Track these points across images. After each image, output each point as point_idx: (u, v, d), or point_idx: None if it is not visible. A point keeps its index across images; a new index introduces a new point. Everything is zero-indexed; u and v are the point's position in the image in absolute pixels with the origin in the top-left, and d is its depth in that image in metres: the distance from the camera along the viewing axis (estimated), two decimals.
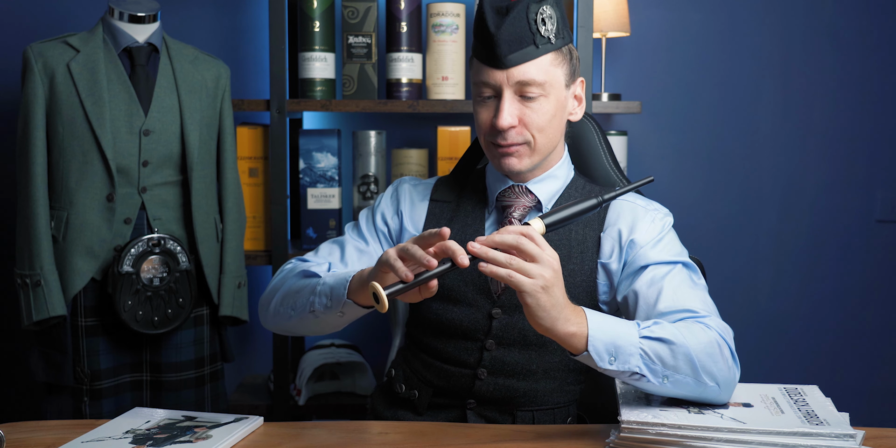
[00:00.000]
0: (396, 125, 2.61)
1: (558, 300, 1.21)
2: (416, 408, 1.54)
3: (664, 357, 1.25)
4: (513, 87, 1.41)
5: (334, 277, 1.39)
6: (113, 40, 2.01)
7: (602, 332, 1.24)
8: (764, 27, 2.67)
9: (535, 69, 1.41)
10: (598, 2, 2.38)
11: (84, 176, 1.96)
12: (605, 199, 1.32)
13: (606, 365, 1.24)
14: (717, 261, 2.63)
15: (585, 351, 1.24)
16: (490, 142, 1.46)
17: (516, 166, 1.46)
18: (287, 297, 1.46)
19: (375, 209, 1.63)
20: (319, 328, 1.46)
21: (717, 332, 1.31)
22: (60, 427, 1.40)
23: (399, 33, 2.33)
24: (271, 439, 1.34)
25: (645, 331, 1.27)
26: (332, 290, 1.36)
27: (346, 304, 1.34)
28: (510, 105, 1.41)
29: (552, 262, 1.21)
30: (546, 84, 1.42)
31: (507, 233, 1.22)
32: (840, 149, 2.71)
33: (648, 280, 1.41)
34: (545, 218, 1.28)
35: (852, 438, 1.17)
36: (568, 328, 1.23)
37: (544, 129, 1.44)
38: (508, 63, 1.40)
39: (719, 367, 1.28)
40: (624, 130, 2.52)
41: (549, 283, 1.20)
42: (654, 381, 1.26)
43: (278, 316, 1.48)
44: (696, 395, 1.28)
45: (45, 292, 1.94)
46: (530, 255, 1.20)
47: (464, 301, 1.49)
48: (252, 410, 2.30)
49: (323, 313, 1.39)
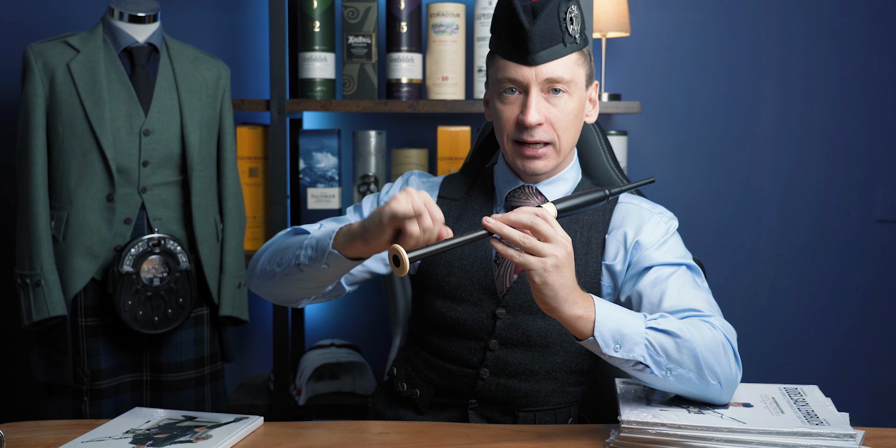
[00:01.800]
0: (396, 125, 2.61)
1: (567, 281, 1.22)
2: (418, 407, 1.54)
3: (669, 349, 1.26)
4: (540, 85, 1.41)
5: (322, 232, 1.37)
6: (113, 40, 2.01)
7: (609, 319, 1.25)
8: (764, 27, 2.67)
9: (562, 67, 1.41)
10: (598, 2, 2.38)
11: (84, 176, 1.96)
12: (611, 193, 1.35)
13: (611, 352, 1.24)
14: (717, 261, 2.63)
15: (591, 336, 1.24)
16: (515, 140, 1.44)
17: (542, 169, 1.46)
18: (275, 254, 1.44)
19: (383, 196, 1.61)
20: (304, 284, 1.41)
21: (722, 331, 1.31)
22: (60, 427, 1.40)
23: (399, 33, 2.33)
24: (271, 439, 1.34)
25: (651, 322, 1.27)
26: (318, 242, 1.33)
27: (331, 254, 1.31)
28: (538, 102, 1.41)
29: (565, 243, 1.21)
30: (571, 83, 1.42)
31: (522, 213, 1.22)
32: (840, 149, 2.71)
33: (652, 280, 1.41)
34: (557, 203, 1.30)
35: (852, 438, 1.17)
36: (575, 311, 1.23)
37: (568, 129, 1.44)
38: (539, 60, 1.39)
39: (723, 366, 1.28)
40: (624, 130, 2.52)
41: (560, 262, 1.20)
42: (658, 373, 1.26)
43: (264, 274, 1.45)
44: (698, 392, 1.28)
45: (45, 292, 1.94)
46: (544, 234, 1.21)
47: (468, 300, 1.49)
48: (252, 410, 2.30)
49: (308, 267, 1.35)
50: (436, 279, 1.51)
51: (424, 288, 1.54)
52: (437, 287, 1.51)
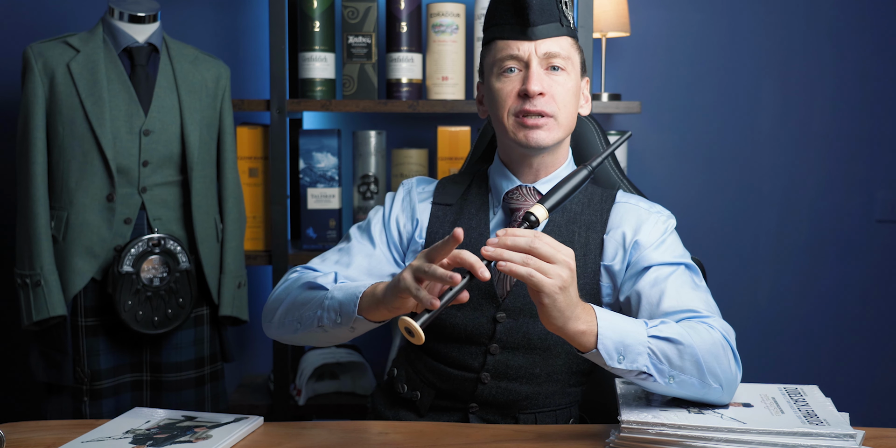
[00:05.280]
0: (396, 125, 2.61)
1: (572, 300, 1.21)
2: (418, 409, 1.54)
3: (671, 357, 1.25)
4: (540, 58, 1.44)
5: (343, 292, 1.35)
6: (113, 40, 2.01)
7: (612, 331, 1.24)
8: (764, 27, 2.67)
9: (560, 46, 1.45)
10: (598, 2, 2.38)
11: (84, 176, 1.96)
12: (595, 167, 1.35)
13: (615, 364, 1.24)
14: (717, 261, 2.63)
15: (595, 349, 1.24)
16: (518, 111, 1.45)
17: (545, 140, 1.45)
18: (292, 309, 1.43)
19: (388, 213, 1.59)
20: (328, 341, 1.43)
21: (721, 332, 1.31)
22: (60, 427, 1.40)
23: (399, 33, 2.33)
24: (271, 439, 1.34)
25: (653, 330, 1.27)
26: (342, 306, 1.33)
27: (358, 320, 1.31)
28: (539, 73, 1.44)
29: (568, 261, 1.20)
30: (569, 61, 1.46)
31: (517, 236, 1.20)
32: (840, 149, 2.71)
33: (651, 280, 1.41)
34: (545, 202, 1.29)
35: (852, 438, 1.17)
36: (578, 326, 1.22)
37: (567, 105, 1.46)
38: (539, 34, 1.44)
39: (723, 368, 1.28)
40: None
41: (566, 283, 1.19)
42: (661, 381, 1.26)
43: (283, 327, 1.45)
44: (700, 395, 1.28)
45: (45, 292, 1.94)
46: (545, 256, 1.19)
47: (468, 305, 1.48)
48: (252, 410, 2.30)
49: (332, 328, 1.36)
50: None
51: None
52: None
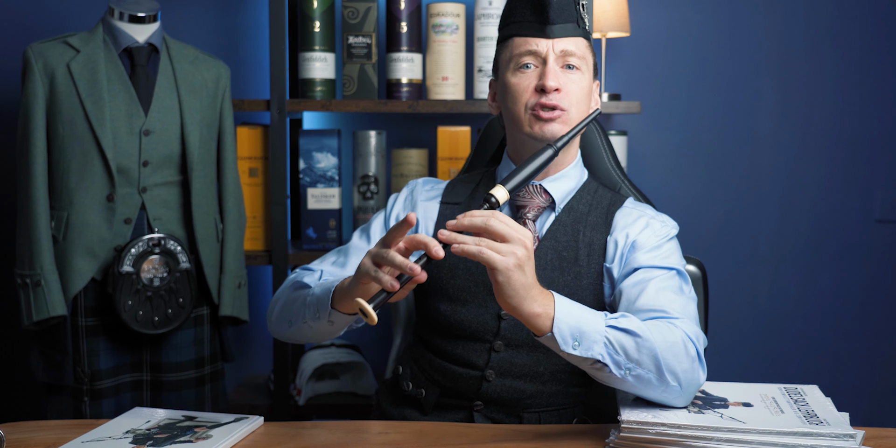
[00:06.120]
0: (396, 125, 2.61)
1: (529, 281, 1.22)
2: (423, 407, 1.54)
3: (628, 349, 1.25)
4: (557, 56, 1.47)
5: (321, 287, 1.41)
6: (113, 40, 2.01)
7: (568, 316, 1.24)
8: (764, 27, 2.67)
9: (576, 45, 1.49)
10: (598, 2, 2.38)
11: (84, 176, 1.96)
12: (559, 147, 1.36)
13: (570, 349, 1.24)
14: (717, 261, 2.63)
15: (550, 332, 1.24)
16: (534, 105, 1.47)
17: (560, 133, 1.46)
18: (284, 309, 1.50)
19: (389, 212, 1.63)
20: (317, 336, 1.48)
21: (686, 333, 1.30)
22: (60, 427, 1.40)
23: (399, 33, 2.33)
24: (271, 439, 1.34)
25: (612, 320, 1.27)
26: (319, 301, 1.38)
27: (332, 313, 1.36)
28: (555, 70, 1.47)
29: (524, 240, 1.21)
30: (583, 61, 1.49)
31: (474, 216, 1.22)
32: (840, 149, 2.71)
33: (636, 280, 1.42)
34: (506, 183, 1.30)
35: (852, 438, 1.17)
36: (534, 308, 1.23)
37: (579, 103, 1.48)
38: (557, 32, 1.47)
39: (683, 367, 1.27)
40: (624, 130, 2.52)
41: (521, 261, 1.20)
42: (616, 372, 1.25)
43: (280, 327, 1.52)
44: (658, 394, 1.28)
45: (45, 292, 1.94)
46: (500, 234, 1.21)
47: (473, 302, 1.49)
48: (252, 410, 2.29)
49: (314, 324, 1.41)
50: (440, 282, 1.51)
51: (429, 292, 1.54)
52: (441, 290, 1.52)
